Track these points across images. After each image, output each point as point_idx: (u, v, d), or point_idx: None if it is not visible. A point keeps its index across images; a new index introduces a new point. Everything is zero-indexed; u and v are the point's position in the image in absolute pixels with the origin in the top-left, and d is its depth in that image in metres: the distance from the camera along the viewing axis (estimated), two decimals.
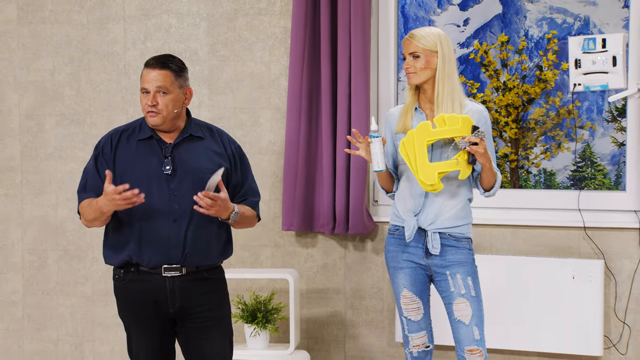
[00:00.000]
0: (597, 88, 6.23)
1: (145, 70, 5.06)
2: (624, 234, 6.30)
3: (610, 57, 6.15)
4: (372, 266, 6.65)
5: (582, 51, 6.18)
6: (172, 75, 5.05)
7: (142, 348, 5.18)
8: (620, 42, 6.09)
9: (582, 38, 6.16)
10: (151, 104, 5.01)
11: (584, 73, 6.21)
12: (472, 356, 5.25)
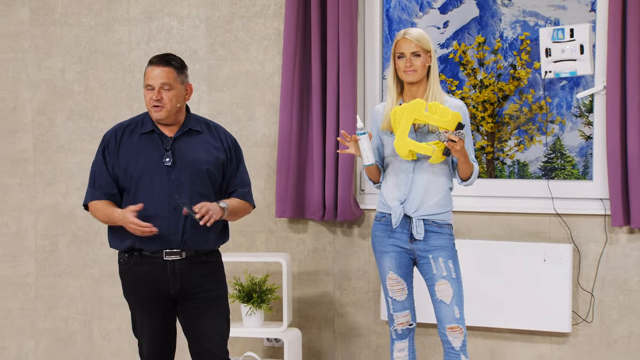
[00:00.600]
0: (566, 74, 6.26)
1: (149, 68, 5.10)
2: (591, 220, 6.32)
3: (577, 46, 6.16)
4: (358, 250, 6.66)
5: (552, 41, 6.21)
6: (175, 72, 5.11)
7: (145, 326, 5.22)
8: (587, 31, 6.11)
9: (551, 28, 6.19)
10: (156, 99, 5.06)
11: (554, 61, 6.24)
12: (453, 333, 5.28)
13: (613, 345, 6.30)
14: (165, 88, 5.07)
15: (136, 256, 5.11)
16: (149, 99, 5.08)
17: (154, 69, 5.09)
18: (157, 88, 5.06)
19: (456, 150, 5.08)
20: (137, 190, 5.09)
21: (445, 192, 5.31)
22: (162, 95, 5.07)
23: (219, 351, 5.23)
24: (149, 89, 5.09)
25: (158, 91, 5.07)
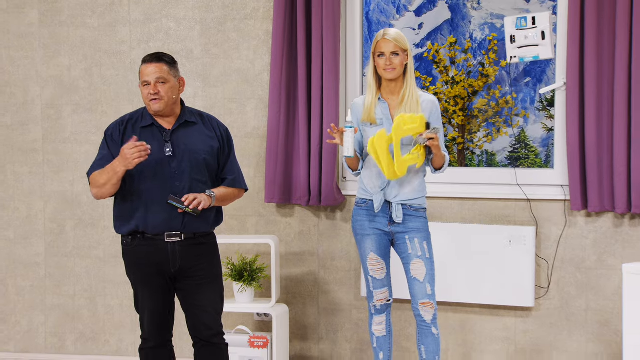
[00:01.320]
0: (529, 59, 6.25)
1: (144, 66, 5.13)
2: (552, 205, 6.37)
3: (539, 32, 6.17)
4: (341, 233, 6.68)
5: (516, 28, 6.20)
6: (167, 67, 5.13)
7: (146, 302, 5.23)
8: (547, 19, 6.12)
9: (515, 17, 6.19)
10: (153, 92, 5.07)
11: (518, 47, 6.24)
12: (425, 308, 5.33)
13: (572, 318, 6.35)
14: (160, 82, 5.09)
15: (139, 238, 5.13)
16: (147, 93, 5.10)
17: (148, 67, 5.12)
18: (153, 83, 5.08)
19: (435, 146, 5.15)
20: (140, 179, 5.09)
21: (421, 179, 5.36)
22: (159, 88, 5.08)
23: (214, 325, 5.24)
24: (146, 84, 5.11)
25: (154, 85, 5.08)
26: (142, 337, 5.32)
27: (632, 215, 6.22)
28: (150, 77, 5.10)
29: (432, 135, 5.15)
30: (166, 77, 5.12)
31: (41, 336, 7.09)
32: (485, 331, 6.51)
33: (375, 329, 5.51)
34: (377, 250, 5.39)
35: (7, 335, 7.12)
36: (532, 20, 6.18)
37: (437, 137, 5.17)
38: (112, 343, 7.00)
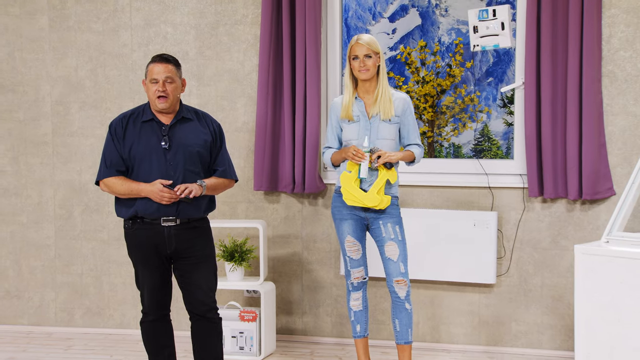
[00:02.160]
0: (490, 47, 6.21)
1: (152, 65, 5.12)
2: (512, 192, 6.39)
3: (499, 23, 6.14)
4: (322, 217, 6.70)
5: (479, 20, 6.17)
6: (174, 68, 5.14)
7: (146, 280, 5.24)
8: (506, 11, 6.09)
9: (478, 10, 6.17)
10: (162, 90, 5.08)
11: (480, 36, 6.21)
12: (399, 285, 5.35)
13: (529, 293, 6.39)
14: (168, 81, 5.09)
15: (139, 222, 5.13)
16: (154, 90, 5.09)
17: (157, 66, 5.11)
18: (162, 81, 5.08)
19: (388, 157, 5.21)
20: (139, 169, 5.11)
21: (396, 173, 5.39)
22: (166, 87, 5.09)
23: (208, 300, 5.25)
24: (154, 82, 5.10)
25: (162, 84, 5.08)
26: (142, 311, 5.32)
27: (583, 201, 6.24)
28: (159, 76, 5.09)
29: (378, 153, 5.23)
30: (173, 77, 5.13)
31: (52, 311, 7.11)
32: (453, 305, 6.54)
33: (352, 304, 5.53)
34: (353, 233, 5.41)
35: (21, 309, 7.14)
36: (493, 12, 6.15)
37: (382, 152, 5.23)
38: (116, 317, 7.02)
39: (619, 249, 4.98)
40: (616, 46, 6.13)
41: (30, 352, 6.50)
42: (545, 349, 6.40)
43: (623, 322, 4.93)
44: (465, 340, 6.54)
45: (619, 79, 6.14)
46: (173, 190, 5.00)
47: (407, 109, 5.38)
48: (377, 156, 5.22)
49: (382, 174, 5.23)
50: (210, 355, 5.31)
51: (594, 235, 6.23)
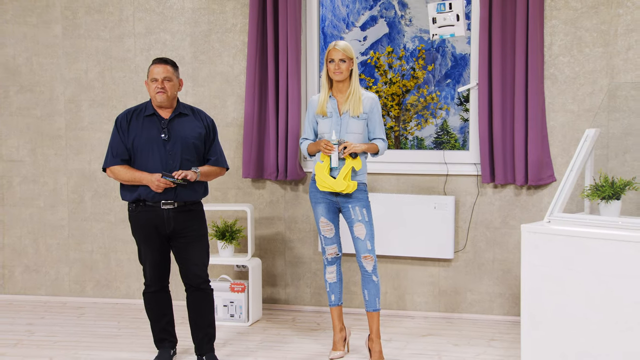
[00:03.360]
0: (447, 36, 6.18)
1: (153, 66, 5.15)
2: (467, 179, 6.41)
3: (455, 15, 6.12)
4: (302, 201, 6.70)
5: (437, 12, 6.15)
6: (172, 69, 5.15)
7: (148, 256, 5.26)
8: (461, 4, 6.08)
9: (436, 3, 6.14)
10: (160, 87, 5.10)
11: (439, 27, 6.19)
12: (366, 260, 5.35)
13: (482, 267, 6.43)
14: (166, 80, 5.11)
15: (141, 205, 5.14)
16: (154, 87, 5.11)
17: (157, 67, 5.13)
18: (160, 80, 5.10)
19: (353, 147, 5.22)
20: (142, 157, 5.12)
21: (364, 162, 5.37)
22: (164, 84, 5.11)
23: (202, 274, 5.27)
24: (154, 81, 5.12)
25: (161, 82, 5.10)
26: (145, 283, 5.35)
27: (528, 186, 6.27)
28: (158, 75, 5.12)
29: (344, 144, 5.24)
30: (170, 77, 5.14)
31: (66, 283, 7.11)
32: (415, 278, 6.56)
33: (328, 276, 5.54)
34: (326, 215, 5.41)
35: (39, 282, 7.14)
36: (449, 5, 6.12)
37: (348, 143, 5.25)
38: (122, 288, 7.03)
39: (559, 228, 5.00)
40: (556, 52, 6.16)
41: (47, 319, 6.51)
42: (496, 315, 6.44)
43: (562, 291, 4.96)
44: (427, 308, 6.57)
45: (559, 80, 6.17)
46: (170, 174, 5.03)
47: (374, 107, 5.37)
48: (343, 147, 5.25)
49: (348, 162, 5.26)
50: (203, 321, 5.32)
51: (538, 216, 6.26)
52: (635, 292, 4.72)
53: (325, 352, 5.67)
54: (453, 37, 6.20)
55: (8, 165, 7.10)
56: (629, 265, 4.73)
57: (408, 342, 5.89)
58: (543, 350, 5.07)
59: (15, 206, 7.12)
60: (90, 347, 5.80)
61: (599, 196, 5.15)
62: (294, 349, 5.76)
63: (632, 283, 4.72)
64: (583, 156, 5.35)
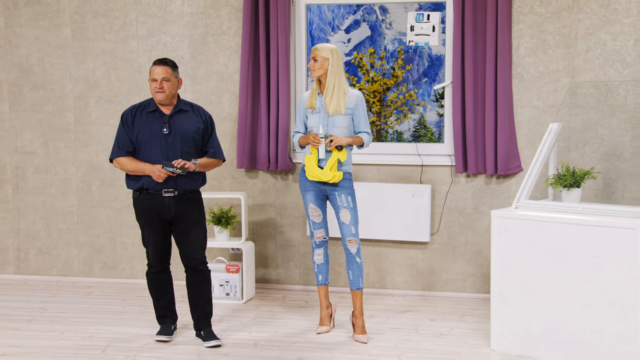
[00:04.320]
0: (422, 44, 6.14)
1: (154, 67, 5.14)
2: (442, 169, 6.41)
3: (431, 26, 6.09)
4: (292, 190, 6.69)
5: (416, 21, 6.11)
6: (170, 69, 5.14)
7: (150, 239, 5.27)
8: (438, 17, 6.05)
9: (415, 13, 6.12)
10: (159, 87, 5.10)
11: (415, 34, 6.14)
12: (350, 244, 5.36)
13: (455, 249, 6.44)
14: (165, 80, 5.11)
15: (144, 193, 5.16)
16: (154, 87, 5.11)
17: (157, 68, 5.13)
18: (159, 80, 5.10)
19: (338, 141, 5.22)
20: (145, 150, 5.14)
21: (349, 154, 5.36)
22: (163, 84, 5.10)
23: (200, 256, 5.27)
24: (154, 81, 5.12)
25: (160, 82, 5.10)
26: (148, 264, 5.36)
27: (498, 176, 6.28)
28: (157, 76, 5.11)
29: (330, 138, 5.24)
30: (169, 77, 5.13)
31: (75, 264, 7.10)
32: (395, 259, 6.56)
33: (316, 258, 5.54)
34: (315, 202, 5.41)
35: (51, 263, 7.13)
36: (427, 16, 6.10)
37: (335, 137, 5.25)
38: (127, 269, 7.02)
39: (526, 213, 5.03)
40: (523, 53, 6.18)
41: (58, 297, 6.51)
42: (468, 293, 6.46)
43: (528, 270, 5.00)
44: (406, 287, 6.58)
45: (525, 79, 6.19)
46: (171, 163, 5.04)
47: (359, 104, 5.35)
48: (329, 140, 5.27)
49: (334, 154, 5.28)
50: (201, 299, 5.33)
51: (506, 203, 6.27)
52: (593, 271, 4.76)
53: (313, 327, 5.69)
54: (427, 45, 6.19)
55: (22, 157, 7.08)
56: (588, 247, 4.77)
57: (388, 318, 5.91)
58: (510, 325, 5.11)
59: (29, 194, 7.11)
60: (98, 322, 5.81)
61: (561, 184, 5.18)
62: (284, 324, 5.77)
63: (591, 263, 4.76)
64: (547, 148, 5.38)
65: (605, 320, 4.73)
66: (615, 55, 6.02)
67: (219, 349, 5.22)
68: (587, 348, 4.81)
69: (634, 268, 4.61)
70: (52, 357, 5.08)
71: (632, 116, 5.87)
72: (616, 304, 4.69)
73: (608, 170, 5.92)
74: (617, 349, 4.71)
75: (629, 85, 5.93)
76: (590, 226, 4.75)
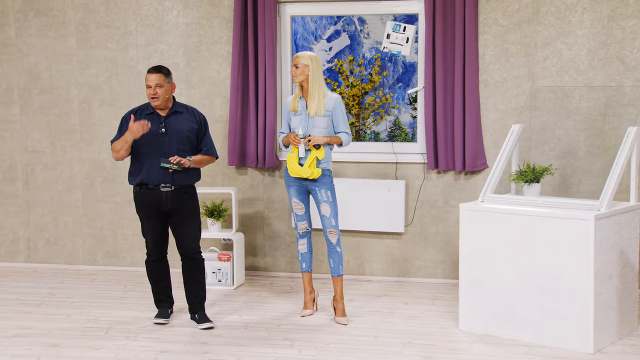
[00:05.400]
0: (395, 52, 6.17)
1: (148, 75, 5.15)
2: (416, 166, 6.41)
3: (405, 38, 6.12)
4: (278, 185, 6.68)
5: (392, 30, 6.13)
6: (163, 76, 5.14)
7: (149, 230, 5.28)
8: (412, 31, 6.09)
9: (394, 22, 6.14)
10: (153, 93, 5.10)
11: (390, 42, 6.16)
12: (331, 234, 5.37)
13: (427, 239, 6.45)
14: (158, 86, 5.11)
15: (144, 188, 5.16)
16: (149, 93, 5.12)
17: (151, 75, 5.13)
18: (153, 86, 5.10)
19: (316, 140, 5.22)
20: (144, 148, 5.14)
21: (328, 152, 5.37)
22: (157, 90, 5.10)
23: (195, 246, 5.29)
24: (148, 87, 5.12)
25: (154, 89, 5.10)
26: (147, 254, 5.37)
27: (466, 172, 6.31)
28: (151, 83, 5.11)
29: (308, 138, 5.24)
30: (162, 83, 5.12)
31: (80, 254, 7.08)
32: (373, 248, 6.57)
33: (300, 247, 5.55)
34: (297, 196, 5.42)
35: (58, 252, 7.12)
36: (404, 28, 6.13)
37: (313, 137, 5.24)
38: (127, 258, 7.00)
39: (491, 206, 5.06)
40: (488, 61, 6.20)
41: (65, 284, 6.50)
42: (439, 278, 6.48)
43: (493, 258, 5.03)
44: (382, 273, 6.60)
45: (490, 84, 6.22)
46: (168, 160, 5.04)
47: (337, 106, 5.34)
48: (307, 140, 5.28)
49: (312, 152, 5.29)
50: (196, 285, 5.35)
51: (473, 197, 6.30)
52: (551, 258, 4.80)
53: (297, 310, 5.70)
54: (399, 54, 6.20)
55: (32, 155, 7.06)
56: (547, 237, 4.81)
57: (366, 302, 5.92)
58: (477, 307, 5.14)
59: (38, 189, 7.09)
60: (101, 307, 5.81)
61: (523, 180, 5.21)
62: (272, 308, 5.78)
63: (549, 251, 4.81)
64: (510, 147, 5.41)
65: (561, 303, 4.78)
66: (570, 63, 6.06)
67: (211, 331, 5.23)
68: (545, 328, 4.86)
69: (587, 255, 4.66)
70: (59, 338, 5.09)
71: (585, 118, 5.92)
72: (571, 289, 4.73)
73: (564, 167, 5.96)
74: (572, 329, 4.76)
75: (583, 90, 5.98)
76: (548, 218, 4.79)
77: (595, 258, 4.66)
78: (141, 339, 5.06)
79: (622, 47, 5.97)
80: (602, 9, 5.98)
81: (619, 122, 5.77)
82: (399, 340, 5.00)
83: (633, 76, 5.96)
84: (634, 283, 5.08)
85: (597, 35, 6.00)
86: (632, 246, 5.01)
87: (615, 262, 4.86)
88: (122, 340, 5.04)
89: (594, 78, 6.02)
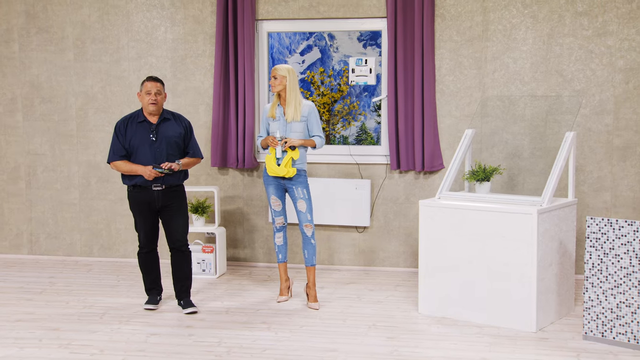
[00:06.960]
0: (362, 83, 6.20)
1: (147, 82, 5.13)
2: (379, 167, 6.42)
3: (369, 68, 6.17)
4: (257, 184, 6.67)
5: (356, 65, 6.19)
6: (161, 85, 5.15)
7: (141, 225, 5.26)
8: (374, 61, 6.14)
9: (356, 58, 6.18)
10: (154, 99, 5.09)
11: (356, 76, 6.22)
12: (306, 228, 5.37)
13: (390, 232, 6.46)
14: (157, 93, 5.11)
15: (137, 188, 5.15)
16: (148, 99, 5.09)
17: (150, 83, 5.12)
18: (154, 93, 5.10)
19: (292, 142, 5.21)
20: (137, 154, 5.12)
21: (303, 154, 5.36)
22: (156, 97, 5.10)
23: (182, 239, 5.27)
24: (148, 93, 5.10)
25: (154, 95, 5.10)
26: (139, 246, 5.34)
27: (425, 172, 6.32)
28: (152, 89, 5.10)
29: (284, 140, 5.23)
30: (160, 91, 5.13)
31: (78, 246, 7.04)
32: (342, 240, 6.57)
33: (277, 240, 5.53)
34: (275, 194, 5.41)
35: (58, 245, 7.07)
36: (365, 61, 6.19)
37: (289, 139, 5.23)
38: (121, 250, 6.97)
39: (446, 202, 5.08)
40: (444, 73, 6.23)
41: (64, 273, 6.46)
42: (401, 267, 6.50)
43: (449, 249, 5.06)
44: (350, 263, 6.60)
45: (445, 94, 6.25)
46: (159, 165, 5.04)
47: (311, 112, 5.35)
48: (284, 142, 5.29)
49: (288, 153, 5.29)
50: (183, 275, 5.34)
51: (431, 194, 6.32)
52: (500, 249, 4.85)
53: (274, 297, 5.70)
54: (365, 84, 6.24)
55: (33, 158, 7.01)
56: (496, 229, 4.85)
57: (336, 289, 5.93)
58: (434, 293, 5.17)
59: (39, 189, 7.04)
60: (97, 294, 5.78)
61: (475, 179, 5.24)
62: (251, 295, 5.78)
63: (498, 242, 4.85)
64: (463, 149, 5.45)
65: (510, 288, 4.83)
66: (515, 75, 6.13)
67: (196, 315, 5.23)
68: (495, 310, 4.91)
69: (531, 246, 4.73)
70: (59, 322, 5.06)
71: (529, 124, 5.97)
72: (518, 275, 4.79)
73: (511, 167, 6.02)
74: (518, 310, 4.82)
75: (527, 99, 6.04)
76: (497, 212, 4.84)
77: (538, 248, 4.72)
78: (133, 323, 5.04)
79: (560, 61, 6.05)
80: (542, 27, 6.06)
81: (558, 127, 5.84)
82: (364, 323, 5.02)
83: (570, 87, 6.04)
84: (571, 270, 5.16)
85: (539, 50, 6.08)
86: (569, 237, 5.09)
87: (555, 251, 4.93)
88: (115, 324, 5.03)
89: (536, 88, 6.09)
